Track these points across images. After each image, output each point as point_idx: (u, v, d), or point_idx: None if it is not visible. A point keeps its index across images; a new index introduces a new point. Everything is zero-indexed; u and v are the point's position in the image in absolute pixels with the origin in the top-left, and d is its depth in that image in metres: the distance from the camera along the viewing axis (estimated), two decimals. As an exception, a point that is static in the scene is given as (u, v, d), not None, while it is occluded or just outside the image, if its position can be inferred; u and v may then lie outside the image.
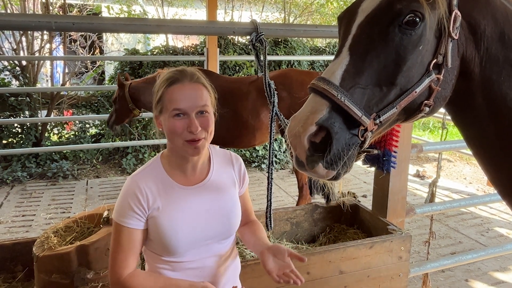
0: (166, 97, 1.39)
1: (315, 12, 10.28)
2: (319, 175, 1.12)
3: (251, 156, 6.81)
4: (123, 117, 4.52)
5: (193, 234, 1.44)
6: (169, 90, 1.40)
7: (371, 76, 1.13)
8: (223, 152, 1.64)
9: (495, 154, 1.29)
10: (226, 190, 1.55)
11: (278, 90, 3.62)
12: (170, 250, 1.42)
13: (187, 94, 1.38)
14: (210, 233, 1.47)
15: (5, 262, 2.34)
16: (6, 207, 4.98)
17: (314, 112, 1.10)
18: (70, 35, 7.72)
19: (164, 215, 1.42)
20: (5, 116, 6.17)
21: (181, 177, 1.49)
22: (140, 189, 1.41)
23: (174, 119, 1.37)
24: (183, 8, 10.85)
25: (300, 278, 1.41)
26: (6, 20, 1.90)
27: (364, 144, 1.15)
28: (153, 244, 1.46)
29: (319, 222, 3.05)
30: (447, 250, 4.12)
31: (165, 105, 1.40)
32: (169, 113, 1.38)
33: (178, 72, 1.43)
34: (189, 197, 1.47)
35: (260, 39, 2.21)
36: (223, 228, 1.51)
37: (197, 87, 1.42)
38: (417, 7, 1.11)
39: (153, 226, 1.42)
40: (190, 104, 1.38)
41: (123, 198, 1.42)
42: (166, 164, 1.49)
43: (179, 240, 1.41)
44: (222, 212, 1.50)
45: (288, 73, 3.86)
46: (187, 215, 1.44)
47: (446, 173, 6.79)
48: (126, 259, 1.41)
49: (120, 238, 1.42)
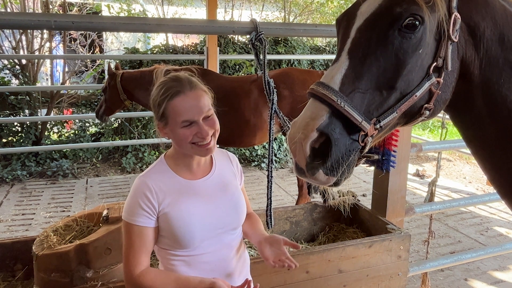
0: (170, 110, 1.42)
1: (315, 11, 10.27)
2: (319, 182, 1.12)
3: (251, 155, 6.82)
4: (113, 108, 4.36)
5: (205, 224, 1.48)
6: (172, 103, 1.42)
7: (370, 80, 1.12)
8: (220, 151, 1.71)
9: (495, 155, 1.29)
10: (231, 182, 1.62)
11: (280, 89, 3.63)
12: (184, 242, 1.46)
13: (192, 104, 1.42)
14: (220, 223, 1.52)
15: (4, 261, 2.35)
16: (6, 206, 4.98)
17: (314, 118, 1.09)
18: (70, 34, 7.72)
19: (175, 209, 1.45)
20: (5, 115, 6.18)
21: (187, 173, 1.54)
22: (149, 187, 1.45)
23: (184, 129, 1.42)
24: (183, 7, 10.84)
25: (294, 262, 1.49)
26: (5, 19, 1.89)
27: (364, 149, 1.14)
28: (165, 240, 1.49)
29: (318, 221, 3.06)
30: (446, 249, 4.12)
31: (171, 118, 1.43)
32: (178, 125, 1.42)
33: (176, 83, 1.45)
34: (197, 189, 1.52)
35: (259, 38, 2.21)
36: (232, 217, 1.56)
37: (198, 94, 1.46)
38: (416, 10, 1.10)
39: (165, 222, 1.46)
40: (197, 112, 1.42)
41: (133, 198, 1.46)
42: (172, 163, 1.54)
43: (192, 232, 1.45)
44: (230, 202, 1.56)
45: (289, 72, 3.86)
46: (197, 206, 1.49)
47: (446, 172, 6.80)
48: (138, 257, 1.45)
49: (131, 237, 1.45)
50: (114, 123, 6.86)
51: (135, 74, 4.17)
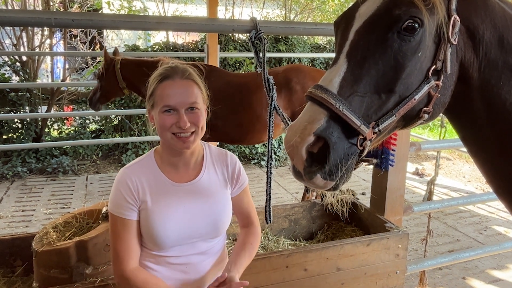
0: (157, 92, 1.43)
1: (316, 9, 10.25)
2: (317, 186, 1.10)
3: (251, 153, 6.83)
4: (109, 96, 4.07)
5: (180, 231, 1.46)
6: (160, 86, 1.43)
7: (369, 83, 1.10)
8: (219, 152, 1.64)
9: (493, 156, 1.29)
10: (217, 191, 1.56)
11: (292, 83, 3.62)
12: (157, 244, 1.45)
13: (177, 91, 1.41)
14: (196, 232, 1.49)
15: (4, 257, 2.36)
16: (6, 202, 4.99)
17: (312, 121, 1.07)
18: (71, 30, 7.71)
19: (154, 209, 1.44)
20: (5, 112, 6.18)
21: (173, 174, 1.51)
22: (132, 180, 1.45)
23: (164, 115, 1.41)
24: (184, 5, 10.83)
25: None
26: (6, 16, 1.90)
27: (362, 153, 1.13)
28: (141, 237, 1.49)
29: (317, 219, 3.07)
30: (445, 248, 4.13)
31: (156, 100, 1.43)
32: (160, 108, 1.42)
33: (170, 69, 1.46)
34: (179, 194, 1.49)
35: (259, 37, 2.21)
36: (210, 228, 1.52)
37: (188, 84, 1.44)
38: (416, 13, 1.09)
39: (143, 219, 1.45)
40: (180, 100, 1.41)
41: (116, 188, 1.46)
42: (159, 159, 1.52)
43: (166, 236, 1.43)
44: (210, 212, 1.51)
45: (300, 67, 3.85)
46: (176, 212, 1.46)
47: (445, 171, 6.80)
48: (130, 251, 1.43)
49: (118, 229, 1.44)
50: (114, 120, 6.87)
51: (137, 63, 3.86)
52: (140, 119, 6.64)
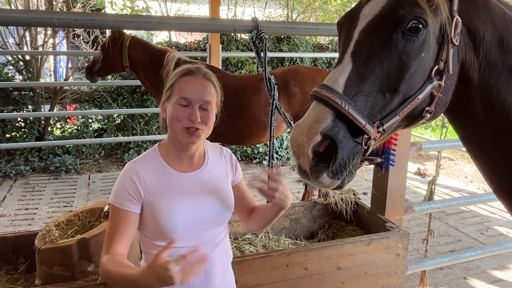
0: (177, 85, 1.50)
1: (318, 9, 10.24)
2: (323, 185, 1.11)
3: (252, 152, 6.84)
4: (110, 70, 3.98)
5: (188, 219, 1.49)
6: (181, 80, 1.51)
7: (374, 83, 1.11)
8: (213, 146, 1.72)
9: (492, 156, 1.30)
10: (221, 179, 1.63)
11: (291, 86, 3.61)
12: (166, 234, 1.46)
13: (196, 87, 1.49)
14: (205, 218, 1.53)
15: (7, 255, 2.37)
16: (9, 201, 5.02)
17: (318, 121, 1.08)
18: (74, 30, 7.73)
19: (162, 199, 1.47)
20: (8, 110, 6.21)
21: (178, 165, 1.56)
22: (138, 174, 1.47)
23: (179, 107, 1.47)
24: (186, 4, 10.84)
25: None
26: (9, 16, 1.92)
27: (367, 152, 1.14)
28: (147, 229, 1.51)
29: (318, 218, 3.08)
30: (446, 248, 4.13)
31: (173, 92, 1.50)
32: (176, 100, 1.47)
33: (194, 67, 1.54)
34: (186, 183, 1.53)
35: (260, 37, 2.23)
36: (217, 214, 1.57)
37: (207, 83, 1.52)
38: (420, 13, 1.10)
39: (149, 211, 1.47)
40: (196, 96, 1.47)
41: (120, 182, 1.48)
42: (164, 152, 1.57)
43: (175, 225, 1.46)
44: (217, 198, 1.57)
45: (298, 69, 3.85)
46: (184, 200, 1.50)
47: (447, 171, 6.80)
48: (116, 242, 1.43)
49: (114, 221, 1.46)
50: (117, 119, 6.90)
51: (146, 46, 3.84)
52: (142, 118, 6.67)
